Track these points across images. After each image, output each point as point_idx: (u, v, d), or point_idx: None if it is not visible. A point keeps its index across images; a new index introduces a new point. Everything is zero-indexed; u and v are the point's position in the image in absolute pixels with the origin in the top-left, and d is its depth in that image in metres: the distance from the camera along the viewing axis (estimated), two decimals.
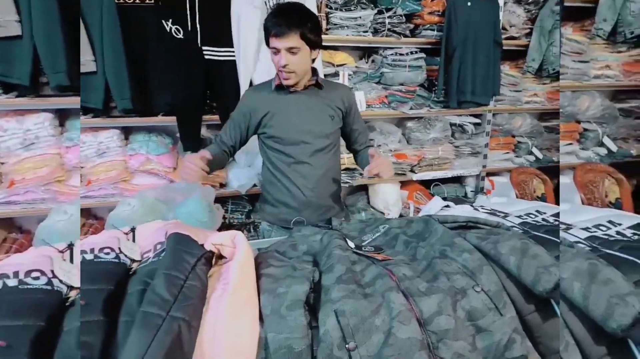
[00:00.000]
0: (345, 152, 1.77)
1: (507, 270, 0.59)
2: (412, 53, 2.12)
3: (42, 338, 0.44)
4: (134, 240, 0.66)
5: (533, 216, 0.86)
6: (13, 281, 0.50)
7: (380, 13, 2.03)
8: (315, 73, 1.30)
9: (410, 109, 2.20)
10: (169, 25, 1.71)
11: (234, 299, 0.52)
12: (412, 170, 2.33)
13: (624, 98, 2.70)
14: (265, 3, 1.84)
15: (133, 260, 0.61)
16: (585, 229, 0.75)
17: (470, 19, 2.10)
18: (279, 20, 1.13)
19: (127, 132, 1.89)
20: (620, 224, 0.76)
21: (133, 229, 0.68)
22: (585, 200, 2.09)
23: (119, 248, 0.60)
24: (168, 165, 1.87)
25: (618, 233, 0.73)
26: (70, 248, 0.59)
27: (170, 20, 1.71)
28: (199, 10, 1.73)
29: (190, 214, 1.39)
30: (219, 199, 1.94)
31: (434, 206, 1.08)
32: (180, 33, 1.73)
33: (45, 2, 1.45)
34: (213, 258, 0.62)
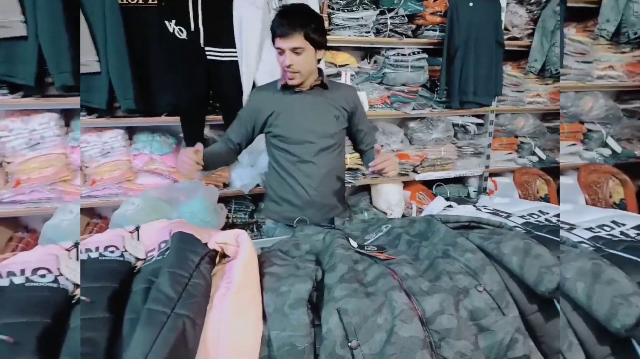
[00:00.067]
0: (349, 152, 1.77)
1: (509, 270, 0.58)
2: (414, 53, 2.12)
3: (48, 335, 0.45)
4: (139, 239, 0.67)
5: (536, 217, 0.86)
6: (20, 279, 0.51)
7: (383, 13, 2.04)
8: (321, 73, 1.31)
9: (413, 109, 2.20)
10: (172, 26, 1.72)
11: (238, 297, 0.52)
12: (414, 171, 2.33)
13: (628, 98, 2.69)
14: (268, 3, 1.84)
15: (137, 259, 0.62)
16: (589, 229, 0.75)
17: (473, 20, 2.10)
18: (283, 21, 1.15)
19: (131, 132, 1.90)
20: (624, 224, 0.76)
21: (137, 228, 0.68)
22: (590, 201, 2.07)
23: (124, 246, 0.61)
24: (172, 165, 1.88)
25: (622, 233, 0.73)
26: (76, 246, 0.60)
27: (174, 21, 1.72)
28: (202, 11, 1.74)
29: (194, 213, 1.41)
30: (223, 199, 1.95)
31: (437, 207, 1.08)
32: (183, 33, 1.74)
33: (50, 2, 1.46)
34: (217, 256, 0.62)
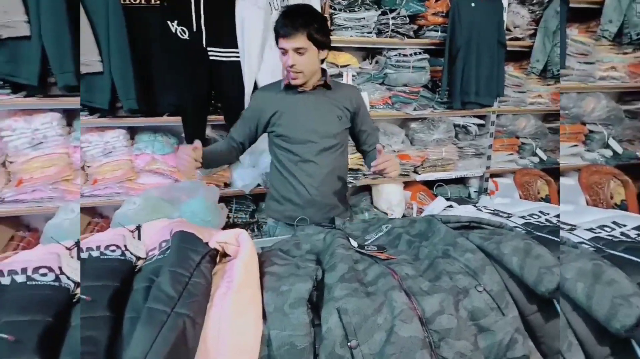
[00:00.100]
0: (350, 152, 1.77)
1: (509, 270, 0.58)
2: (415, 54, 2.11)
3: (49, 333, 0.45)
4: (140, 238, 0.67)
5: (536, 217, 0.85)
6: (21, 278, 0.51)
7: (384, 14, 2.04)
8: (325, 73, 1.31)
9: (414, 110, 2.20)
10: (175, 26, 1.73)
11: (238, 297, 0.53)
12: (415, 171, 2.33)
13: (630, 99, 2.68)
14: (270, 4, 1.85)
15: (138, 258, 0.62)
16: (590, 230, 0.75)
17: (474, 20, 2.10)
18: (287, 21, 1.16)
19: (132, 131, 1.91)
20: (625, 225, 0.76)
21: (139, 227, 0.69)
22: (591, 202, 2.07)
23: (125, 245, 0.61)
24: (173, 165, 1.88)
25: (622, 234, 0.73)
26: (78, 245, 0.60)
27: (176, 21, 1.72)
28: (204, 11, 1.74)
29: (195, 213, 1.41)
30: (223, 199, 1.95)
31: (437, 207, 1.08)
32: (186, 34, 1.74)
33: (54, 3, 1.47)
34: (217, 256, 0.62)
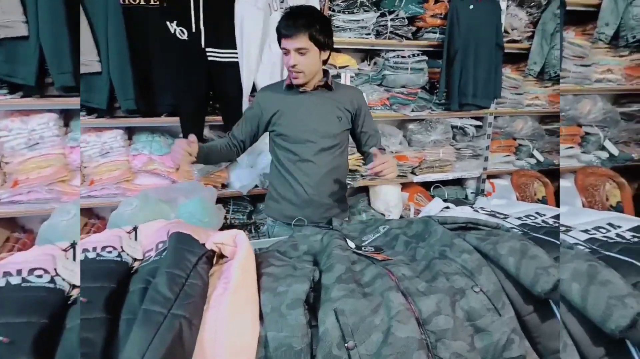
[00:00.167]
0: (350, 154, 1.77)
1: (506, 271, 0.59)
2: (414, 55, 2.12)
3: (44, 335, 0.45)
4: (136, 239, 0.67)
5: (533, 218, 0.86)
6: (16, 279, 0.50)
7: (383, 16, 2.04)
8: (327, 74, 1.32)
9: (412, 111, 2.21)
10: (174, 27, 1.73)
11: (235, 298, 0.52)
12: (412, 172, 2.34)
13: (626, 102, 2.70)
14: (269, 5, 1.85)
15: (135, 259, 0.61)
16: (585, 231, 0.75)
17: (472, 22, 2.11)
18: (289, 22, 1.17)
19: (130, 132, 1.90)
20: (620, 226, 0.76)
21: (135, 228, 0.68)
22: (586, 204, 2.08)
23: (121, 246, 0.61)
24: (171, 166, 1.88)
25: (618, 235, 0.73)
26: (73, 246, 0.59)
27: (175, 22, 1.72)
28: (203, 12, 1.75)
29: (192, 214, 1.40)
30: (221, 200, 1.95)
31: (434, 208, 1.08)
32: (185, 34, 1.74)
33: (52, 3, 1.46)
34: (214, 257, 0.62)
